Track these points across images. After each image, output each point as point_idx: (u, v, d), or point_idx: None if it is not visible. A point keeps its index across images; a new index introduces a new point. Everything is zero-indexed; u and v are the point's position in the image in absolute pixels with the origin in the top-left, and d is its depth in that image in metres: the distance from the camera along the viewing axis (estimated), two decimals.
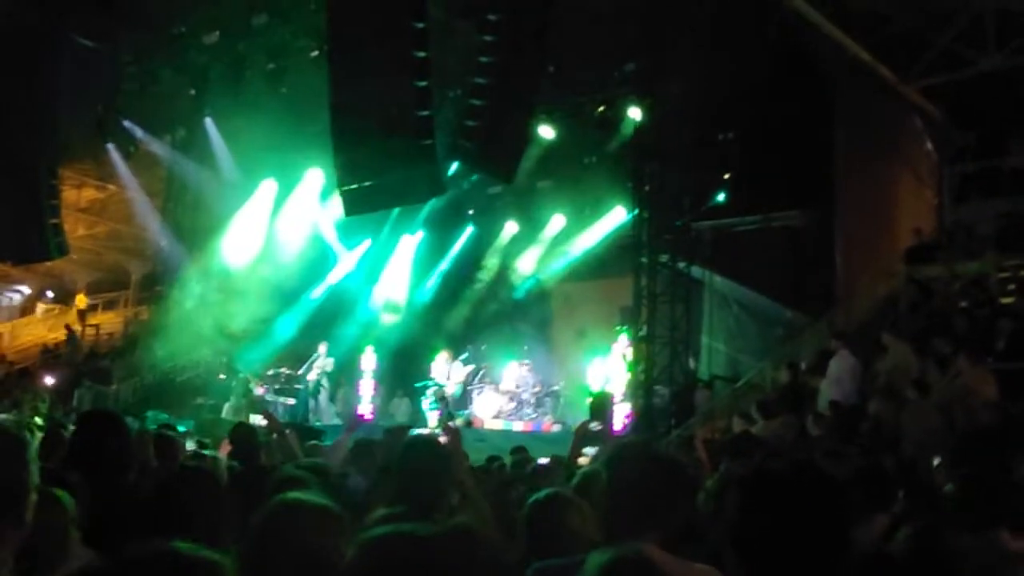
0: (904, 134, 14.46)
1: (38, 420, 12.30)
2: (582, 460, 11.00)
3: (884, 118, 13.95)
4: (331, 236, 18.03)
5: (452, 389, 15.90)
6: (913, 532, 3.30)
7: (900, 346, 10.69)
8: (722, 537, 1.94)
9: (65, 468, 3.28)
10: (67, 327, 23.82)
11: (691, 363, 14.36)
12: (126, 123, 16.85)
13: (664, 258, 13.96)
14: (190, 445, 7.69)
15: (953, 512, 4.06)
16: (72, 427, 7.32)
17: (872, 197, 13.92)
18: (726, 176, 14.22)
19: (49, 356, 23.76)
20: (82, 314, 26.31)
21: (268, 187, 17.50)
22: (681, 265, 14.12)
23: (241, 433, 6.28)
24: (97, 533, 2.67)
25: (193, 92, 15.82)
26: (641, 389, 13.83)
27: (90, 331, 24.66)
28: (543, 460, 9.53)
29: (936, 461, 6.49)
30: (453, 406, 15.65)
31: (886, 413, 10.18)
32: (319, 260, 18.20)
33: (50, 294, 30.28)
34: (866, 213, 13.82)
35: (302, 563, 2.27)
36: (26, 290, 31.29)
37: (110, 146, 17.32)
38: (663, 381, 13.79)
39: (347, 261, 18.55)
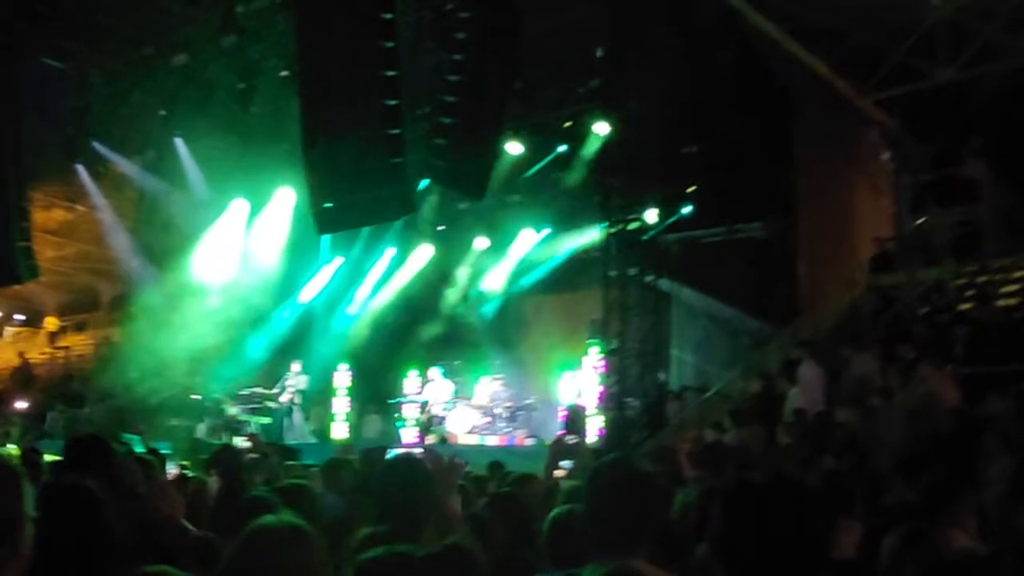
0: (861, 146, 14.79)
1: (11, 447, 12.26)
2: (558, 473, 11.16)
3: (842, 130, 14.28)
4: (301, 253, 18.08)
5: (437, 406, 15.95)
6: (902, 536, 3.41)
7: (862, 355, 10.94)
8: (708, 548, 2.03)
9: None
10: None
11: (661, 375, 14.54)
12: (96, 144, 16.81)
13: (633, 271, 14.14)
14: (171, 468, 7.73)
15: (919, 517, 4.22)
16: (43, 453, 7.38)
17: (832, 208, 14.22)
18: (691, 189, 14.46)
19: (20, 380, 23.54)
20: (52, 336, 26.11)
21: (239, 206, 17.53)
22: (649, 278, 14.31)
23: (225, 455, 6.33)
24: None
25: (163, 113, 15.82)
26: (613, 401, 13.99)
27: (60, 353, 24.47)
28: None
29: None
30: (436, 423, 15.75)
31: (853, 421, 10.43)
32: (290, 278, 18.24)
33: (19, 317, 29.99)
34: (826, 223, 14.11)
35: None
36: None
37: (79, 167, 17.27)
38: (635, 393, 13.95)
39: (319, 279, 18.60)
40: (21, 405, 20.06)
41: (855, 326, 12.76)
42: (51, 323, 26.71)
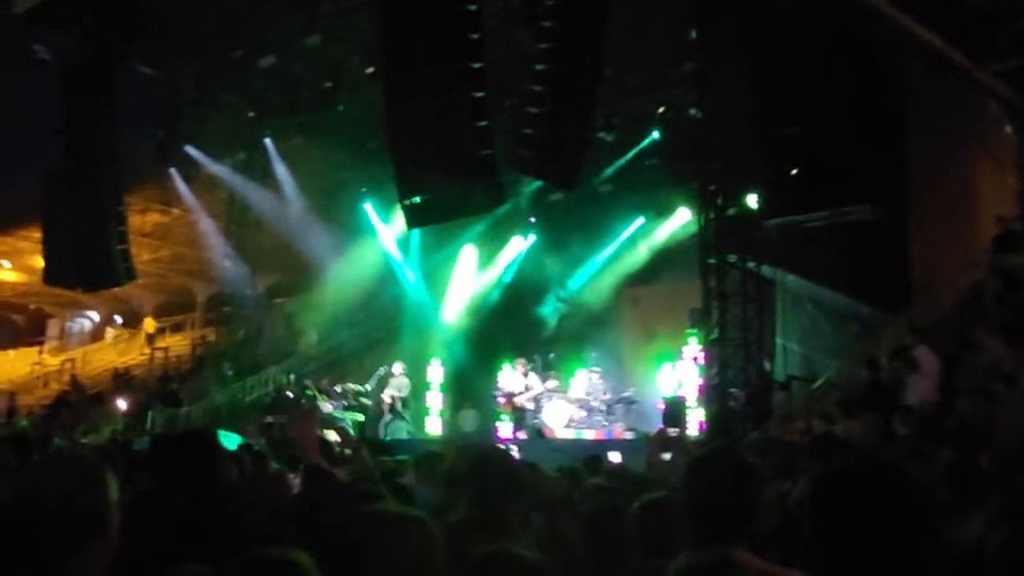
0: (981, 120, 13.93)
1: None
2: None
3: (959, 104, 13.46)
4: (394, 250, 18.08)
5: (525, 399, 15.71)
6: (1011, 529, 3.15)
7: (992, 339, 10.32)
8: (806, 538, 1.91)
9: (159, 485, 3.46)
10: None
11: (766, 364, 14.01)
12: (187, 147, 17.10)
13: (733, 258, 13.66)
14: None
15: None
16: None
17: (949, 186, 13.46)
18: (793, 172, 13.86)
19: (121, 380, 24.25)
20: (151, 337, 26.84)
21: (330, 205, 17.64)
22: (750, 265, 13.80)
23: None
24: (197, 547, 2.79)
25: (252, 114, 16.02)
26: (715, 392, 13.55)
27: (159, 354, 25.11)
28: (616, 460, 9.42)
29: None
30: (529, 417, 15.53)
31: (976, 410, 9.83)
32: (383, 275, 18.27)
33: (119, 319, 30.97)
34: (943, 203, 13.36)
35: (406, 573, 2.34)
36: (95, 316, 32.08)
37: (172, 171, 17.61)
38: (737, 384, 13.48)
39: (411, 275, 18.58)
40: (123, 404, 20.64)
41: (978, 309, 12.03)
42: (149, 324, 27.46)
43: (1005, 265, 12.16)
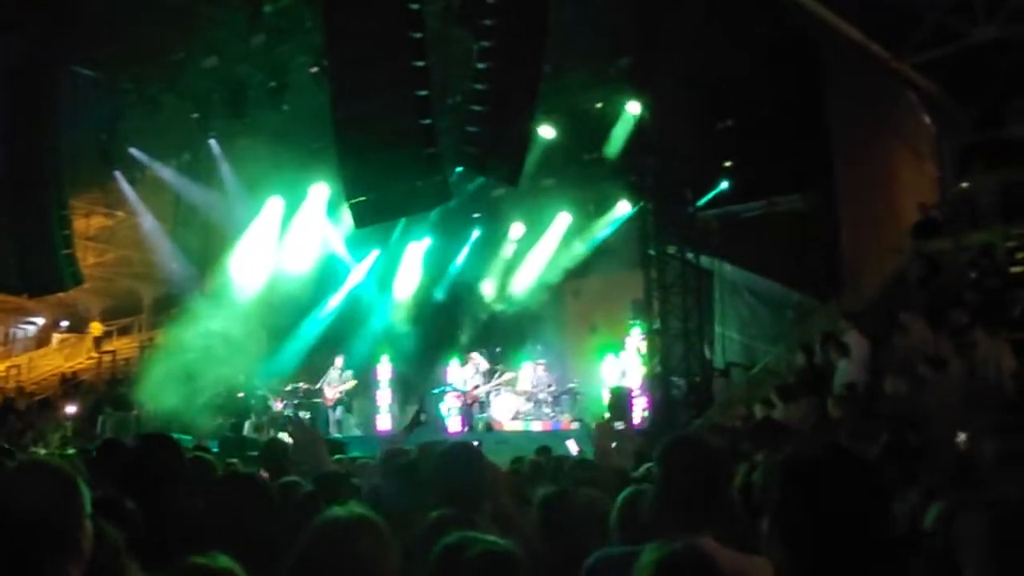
0: (900, 110, 14.49)
1: (70, 450, 12.47)
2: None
3: (879, 96, 13.99)
4: (340, 249, 18.17)
5: (482, 392, 15.88)
6: (947, 508, 3.31)
7: (917, 323, 10.78)
8: (769, 524, 1.97)
9: (119, 492, 3.39)
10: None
11: (706, 352, 14.44)
12: (131, 150, 16.98)
13: (672, 249, 14.05)
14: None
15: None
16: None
17: (872, 175, 13.97)
18: (727, 164, 14.31)
19: (68, 385, 23.96)
20: (98, 341, 26.52)
21: (275, 204, 17.65)
22: (689, 255, 14.21)
23: (273, 449, 6.42)
24: (157, 552, 2.70)
25: (196, 115, 15.95)
26: (658, 381, 13.94)
27: (106, 358, 24.86)
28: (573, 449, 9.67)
29: (962, 436, 6.55)
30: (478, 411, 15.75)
31: (902, 390, 10.27)
32: (329, 273, 18.33)
33: (65, 323, 30.51)
34: (867, 192, 13.87)
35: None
36: (41, 321, 31.54)
37: (117, 173, 17.46)
38: (679, 372, 13.88)
39: (357, 272, 18.68)
40: (71, 410, 20.41)
41: (902, 294, 12.55)
42: (96, 328, 27.12)
43: (926, 250, 12.72)
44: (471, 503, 3.33)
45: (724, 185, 14.64)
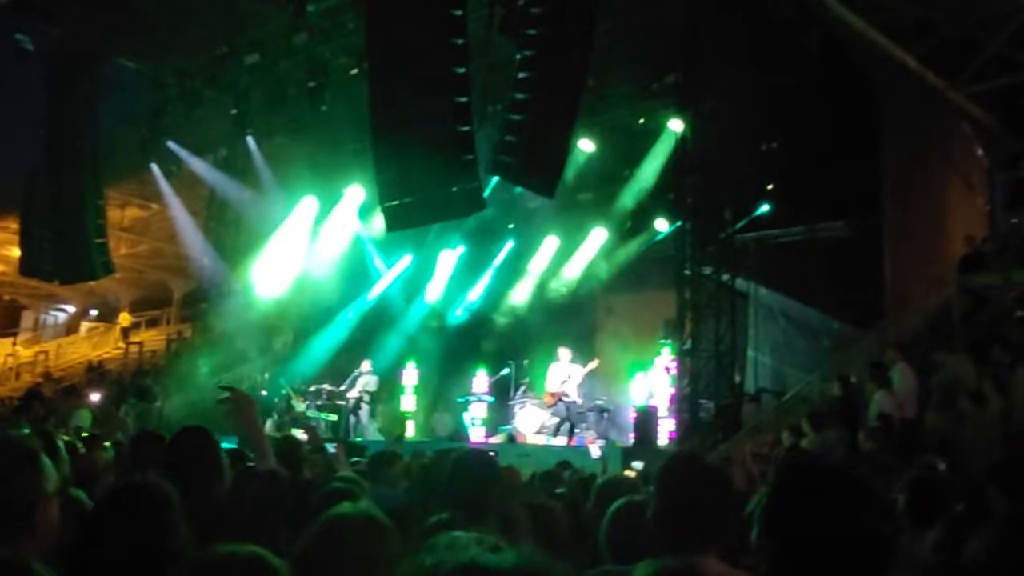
0: (953, 141, 14.15)
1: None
2: (629, 474, 10.86)
3: (932, 125, 13.68)
4: (371, 252, 18.10)
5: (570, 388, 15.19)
6: (991, 540, 3.24)
7: (955, 358, 10.46)
8: (758, 538, 1.98)
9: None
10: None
11: (736, 377, 14.16)
12: (169, 143, 17.05)
13: (708, 270, 13.80)
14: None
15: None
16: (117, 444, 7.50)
17: (920, 205, 13.65)
18: (769, 187, 14.05)
19: (94, 374, 24.07)
20: (125, 332, 26.66)
21: (308, 204, 17.62)
22: (725, 277, 13.95)
23: (285, 447, 6.32)
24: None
25: (235, 111, 15.98)
26: (686, 403, 13.68)
27: (133, 349, 24.96)
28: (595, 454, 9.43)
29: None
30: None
31: (943, 426, 9.98)
32: (360, 276, 18.25)
33: (94, 312, 30.75)
34: (915, 221, 13.55)
35: (357, 573, 2.31)
36: (71, 309, 31.84)
37: (153, 166, 17.54)
38: (708, 395, 13.61)
39: (387, 277, 18.59)
40: (95, 398, 20.47)
41: (944, 328, 12.21)
42: (124, 319, 27.27)
43: (972, 285, 12.37)
44: (479, 509, 3.30)
45: (765, 208, 14.37)
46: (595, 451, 11.77)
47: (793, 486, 2.00)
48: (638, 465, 11.62)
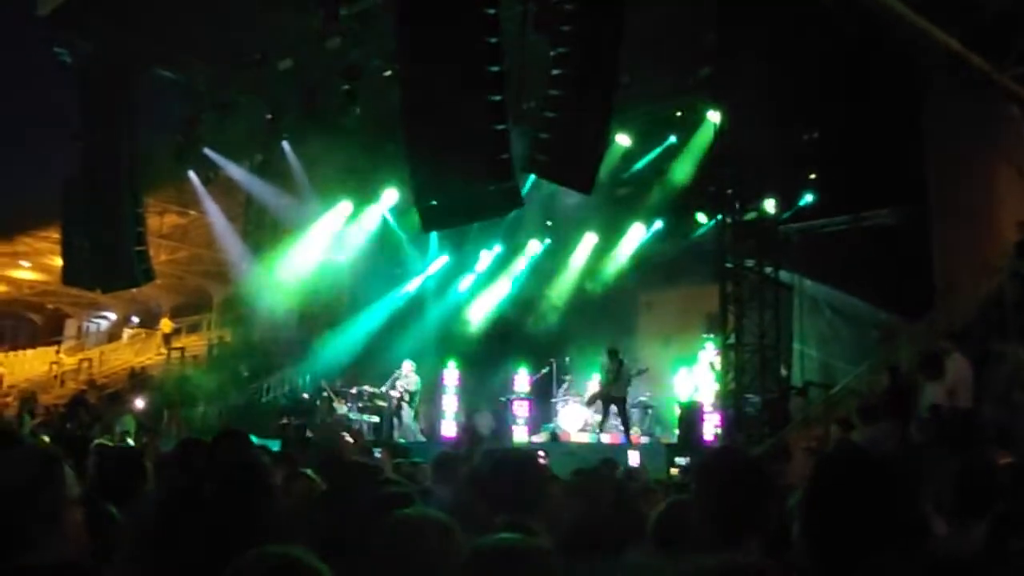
0: (1000, 125, 13.78)
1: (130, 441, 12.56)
2: (673, 471, 10.73)
3: (978, 109, 13.33)
4: (408, 252, 18.12)
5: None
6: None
7: (1014, 348, 10.21)
8: (796, 528, 2.01)
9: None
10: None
11: (782, 370, 13.95)
12: (206, 150, 17.16)
13: (750, 263, 13.60)
14: None
15: None
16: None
17: (969, 191, 13.34)
18: (812, 176, 13.82)
19: (137, 380, 24.35)
20: (167, 338, 26.94)
21: (344, 207, 17.68)
22: (768, 269, 13.73)
23: (327, 457, 6.36)
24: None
25: (270, 117, 16.05)
26: (731, 398, 13.50)
27: (175, 354, 25.22)
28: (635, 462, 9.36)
29: None
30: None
31: (1001, 418, 9.75)
32: (395, 277, 18.28)
33: (136, 319, 31.13)
34: (964, 208, 13.24)
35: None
36: (112, 316, 32.26)
37: (191, 173, 17.67)
38: (754, 389, 13.42)
39: (424, 277, 18.60)
40: (139, 404, 20.70)
41: (996, 316, 11.90)
42: (166, 325, 27.55)
43: None
44: (526, 508, 3.29)
45: (808, 198, 14.13)
46: (634, 457, 11.64)
47: (829, 478, 2.01)
48: (681, 461, 11.50)
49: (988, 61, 12.69)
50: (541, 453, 11.21)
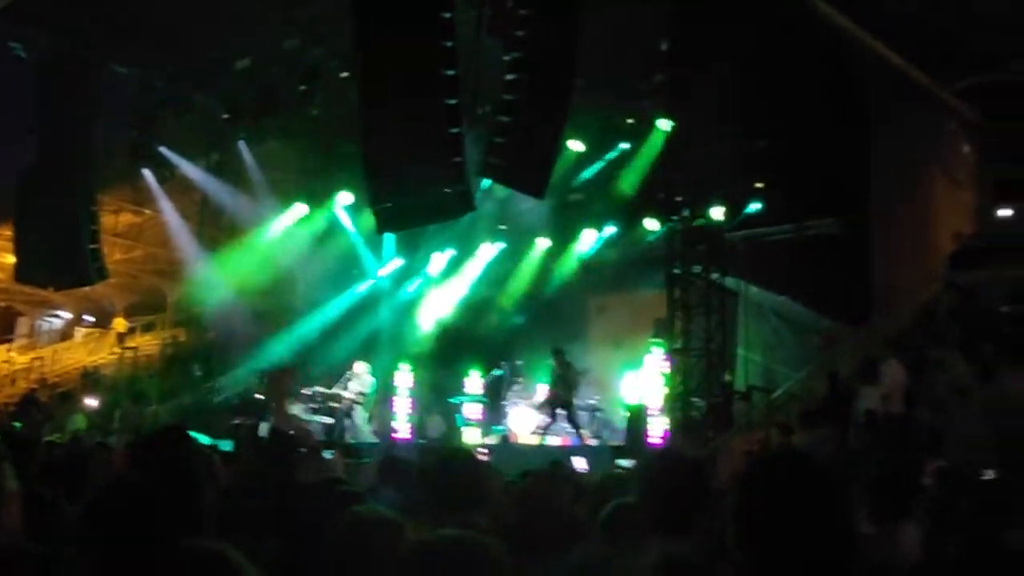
0: (940, 137, 14.23)
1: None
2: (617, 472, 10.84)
3: (920, 122, 13.75)
4: (362, 255, 18.16)
5: None
6: (971, 537, 3.32)
7: (952, 356, 10.55)
8: (728, 526, 2.07)
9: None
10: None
11: (726, 375, 14.22)
12: (161, 148, 17.05)
13: (697, 269, 13.87)
14: None
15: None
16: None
17: (909, 203, 13.74)
18: (759, 185, 14.12)
19: (90, 379, 24.07)
20: (121, 337, 26.65)
21: (299, 208, 17.69)
22: (715, 276, 14.01)
23: (277, 449, 6.41)
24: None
25: (226, 116, 15.98)
26: (678, 402, 13.74)
27: (128, 354, 24.95)
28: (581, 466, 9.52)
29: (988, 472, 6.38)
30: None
31: (935, 423, 10.05)
32: (349, 278, 18.32)
33: (89, 318, 30.74)
34: (903, 219, 13.64)
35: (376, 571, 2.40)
36: (66, 315, 31.80)
37: (146, 171, 17.54)
38: (699, 393, 13.67)
39: (377, 279, 18.64)
40: (91, 403, 20.48)
41: (933, 325, 12.28)
42: (120, 324, 27.26)
43: (959, 281, 12.45)
44: (469, 505, 3.38)
45: (755, 206, 14.44)
46: (580, 463, 11.80)
47: (756, 481, 2.06)
48: (625, 463, 11.69)
49: (930, 76, 13.10)
50: (482, 451, 11.39)
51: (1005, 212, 13.32)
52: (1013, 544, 3.53)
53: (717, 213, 13.90)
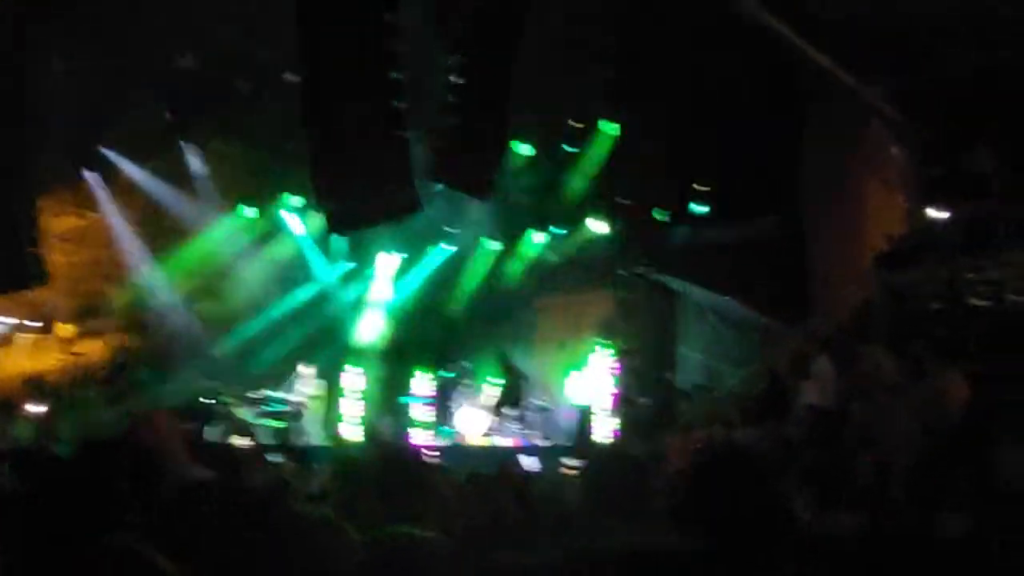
0: (869, 139, 14.57)
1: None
2: (565, 472, 11.03)
3: (850, 123, 14.09)
4: (308, 256, 18.12)
5: None
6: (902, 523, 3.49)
7: (876, 350, 10.84)
8: (672, 516, 2.26)
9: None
10: None
11: (667, 374, 14.47)
12: (103, 150, 16.83)
13: (640, 270, 14.08)
14: None
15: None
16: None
17: (842, 203, 14.07)
18: (700, 186, 14.38)
19: (33, 386, 23.57)
20: (65, 342, 26.15)
21: (246, 209, 17.59)
22: (657, 277, 14.24)
23: (221, 453, 6.43)
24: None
25: (170, 116, 15.84)
26: (622, 401, 13.95)
27: (72, 359, 24.49)
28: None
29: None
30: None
31: (864, 417, 10.33)
32: (298, 282, 18.26)
33: (32, 324, 30.07)
34: (837, 219, 13.97)
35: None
36: (7, 320, 31.08)
37: (88, 174, 17.30)
38: (643, 393, 13.89)
39: (326, 282, 18.61)
40: (34, 411, 20.11)
41: (867, 323, 12.62)
42: (63, 329, 26.74)
43: (891, 281, 12.80)
44: (415, 504, 3.47)
45: (696, 207, 14.70)
46: (531, 463, 11.92)
47: (701, 476, 2.23)
48: (572, 462, 11.84)
49: (856, 77, 13.41)
50: (426, 451, 11.44)
51: (934, 213, 13.68)
52: (940, 530, 3.72)
53: (660, 214, 14.13)
